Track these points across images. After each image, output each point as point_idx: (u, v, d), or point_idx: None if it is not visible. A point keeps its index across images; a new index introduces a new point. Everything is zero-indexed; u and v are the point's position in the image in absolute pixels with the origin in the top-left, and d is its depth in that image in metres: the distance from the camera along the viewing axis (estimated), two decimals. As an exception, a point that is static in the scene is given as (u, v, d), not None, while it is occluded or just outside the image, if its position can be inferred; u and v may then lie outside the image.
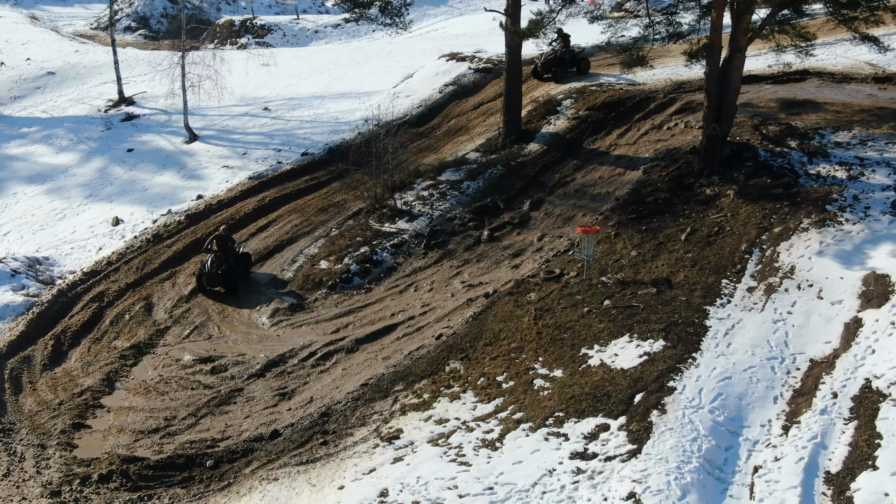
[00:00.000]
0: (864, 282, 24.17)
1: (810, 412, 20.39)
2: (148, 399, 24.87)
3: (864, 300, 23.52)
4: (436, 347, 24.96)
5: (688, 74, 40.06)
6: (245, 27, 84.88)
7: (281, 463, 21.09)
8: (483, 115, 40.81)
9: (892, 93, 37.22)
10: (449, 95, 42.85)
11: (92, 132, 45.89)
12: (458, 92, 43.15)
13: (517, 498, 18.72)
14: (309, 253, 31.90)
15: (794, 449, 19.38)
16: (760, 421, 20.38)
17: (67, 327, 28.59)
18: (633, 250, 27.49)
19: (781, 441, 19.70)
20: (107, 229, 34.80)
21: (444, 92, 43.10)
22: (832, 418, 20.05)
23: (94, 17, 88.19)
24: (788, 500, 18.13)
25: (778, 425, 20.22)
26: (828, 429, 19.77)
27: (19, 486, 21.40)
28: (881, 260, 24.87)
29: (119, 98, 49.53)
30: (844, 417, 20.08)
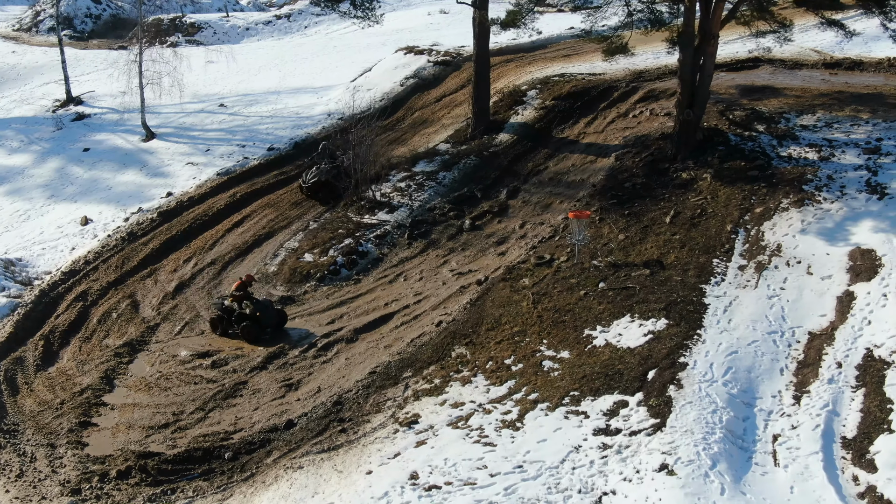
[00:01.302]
0: (850, 257, 25.03)
1: (818, 382, 21.12)
2: (151, 395, 24.70)
3: (853, 274, 24.37)
4: (438, 334, 25.19)
5: (644, 64, 40.95)
6: (174, 26, 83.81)
7: (303, 451, 21.14)
8: (447, 107, 41.12)
9: (844, 77, 38.48)
10: (410, 88, 43.09)
11: (43, 133, 45.10)
12: (420, 85, 43.43)
13: (548, 475, 19.06)
14: (290, 247, 31.88)
15: (809, 417, 20.05)
16: (771, 392, 21.03)
17: (55, 327, 28.21)
18: (620, 234, 28.06)
19: (795, 410, 20.37)
20: (76, 229, 34.33)
21: (405, 85, 43.34)
22: (840, 387, 20.80)
23: (13, 18, 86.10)
24: (812, 466, 18.78)
25: (788, 395, 20.88)
26: (837, 397, 20.50)
27: (36, 485, 21.16)
28: (864, 236, 25.78)
29: (67, 98, 48.73)
30: (851, 385, 20.85)
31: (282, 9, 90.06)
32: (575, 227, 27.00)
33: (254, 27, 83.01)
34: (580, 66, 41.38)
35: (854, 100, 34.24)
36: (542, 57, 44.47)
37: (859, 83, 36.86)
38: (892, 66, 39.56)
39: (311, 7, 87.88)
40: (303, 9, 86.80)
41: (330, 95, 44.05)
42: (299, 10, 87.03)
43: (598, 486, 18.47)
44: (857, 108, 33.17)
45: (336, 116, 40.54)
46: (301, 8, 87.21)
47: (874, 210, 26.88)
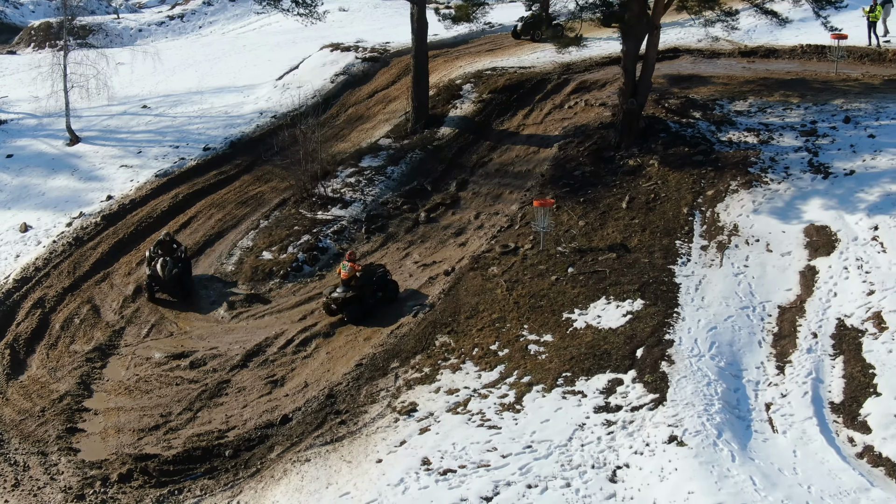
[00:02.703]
0: (805, 233, 26.39)
1: (798, 352, 22.29)
2: (133, 398, 24.43)
3: (811, 250, 25.70)
4: (417, 324, 25.54)
5: (569, 57, 41.82)
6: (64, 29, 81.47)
7: (306, 445, 21.28)
8: (381, 102, 41.38)
9: (763, 65, 40.23)
10: (341, 85, 43.18)
11: (-43, 141, 43.60)
12: (350, 81, 43.55)
13: (559, 453, 19.68)
14: (244, 245, 31.74)
15: (796, 385, 21.18)
16: (755, 363, 22.11)
17: (18, 335, 27.55)
18: (580, 220, 28.86)
19: (781, 379, 21.47)
20: (16, 236, 33.47)
21: (335, 82, 43.39)
22: (819, 356, 22.01)
23: None
24: (809, 430, 19.87)
25: (771, 366, 21.98)
26: (819, 365, 21.70)
27: (36, 494, 20.82)
28: (815, 213, 27.16)
29: (-22, 104, 47.18)
30: (830, 354, 22.08)
31: (174, 9, 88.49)
32: (539, 214, 27.56)
33: (147, 28, 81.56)
34: (508, 60, 42.11)
35: (780, 85, 35.78)
36: (466, 52, 45.06)
37: (780, 69, 38.53)
38: (805, 52, 41.48)
39: (204, 7, 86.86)
40: (196, 9, 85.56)
41: (257, 94, 43.77)
42: (192, 10, 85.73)
43: (610, 461, 19.11)
44: (786, 94, 34.68)
45: (269, 115, 40.37)
46: (194, 8, 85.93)
47: (821, 189, 28.25)
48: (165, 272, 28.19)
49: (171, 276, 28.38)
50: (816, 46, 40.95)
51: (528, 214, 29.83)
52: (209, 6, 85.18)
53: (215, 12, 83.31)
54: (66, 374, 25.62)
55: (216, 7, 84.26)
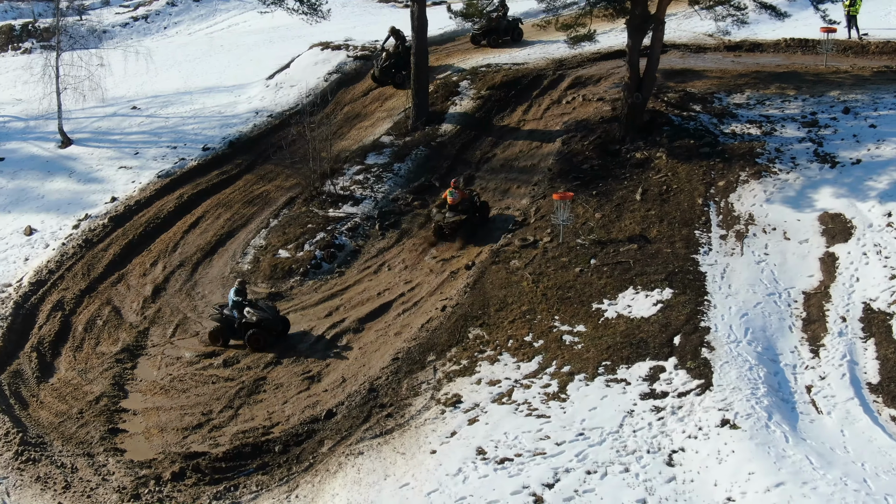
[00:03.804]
0: (821, 221, 27.11)
1: (829, 336, 22.96)
2: (171, 398, 24.47)
3: (828, 237, 26.43)
4: (447, 318, 25.84)
5: (559, 52, 42.38)
6: (27, 31, 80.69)
7: (356, 438, 21.51)
8: (377, 100, 41.55)
9: (750, 58, 41.03)
10: (335, 83, 43.23)
11: (-57, 144, 43.07)
12: (343, 80, 43.62)
13: (612, 439, 20.12)
14: (257, 244, 31.83)
15: (833, 367, 21.84)
16: (789, 348, 22.73)
17: (42, 339, 27.45)
18: (595, 213, 29.29)
19: (817, 363, 22.12)
20: (21, 239, 33.23)
21: (329, 80, 43.43)
22: (850, 339, 22.69)
23: None
24: (852, 410, 20.54)
25: (805, 350, 22.62)
26: (851, 348, 22.37)
27: (90, 495, 20.85)
28: (827, 201, 27.90)
29: (-40, 108, 46.59)
30: (860, 337, 22.79)
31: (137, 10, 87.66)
32: (558, 208, 27.97)
33: (111, 30, 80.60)
34: (500, 57, 42.47)
35: (774, 78, 36.53)
36: (456, 49, 45.37)
37: (769, 63, 39.32)
38: (790, 46, 42.31)
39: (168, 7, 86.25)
40: (160, 9, 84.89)
41: (249, 93, 43.74)
42: (156, 11, 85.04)
43: (664, 446, 19.58)
44: (782, 86, 35.46)
45: (265, 114, 40.42)
46: (158, 9, 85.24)
47: (830, 178, 28.99)
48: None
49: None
50: (800, 40, 41.72)
51: (543, 208, 30.16)
52: (173, 6, 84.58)
53: (180, 13, 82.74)
54: (98, 375, 25.56)
55: (180, 7, 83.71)
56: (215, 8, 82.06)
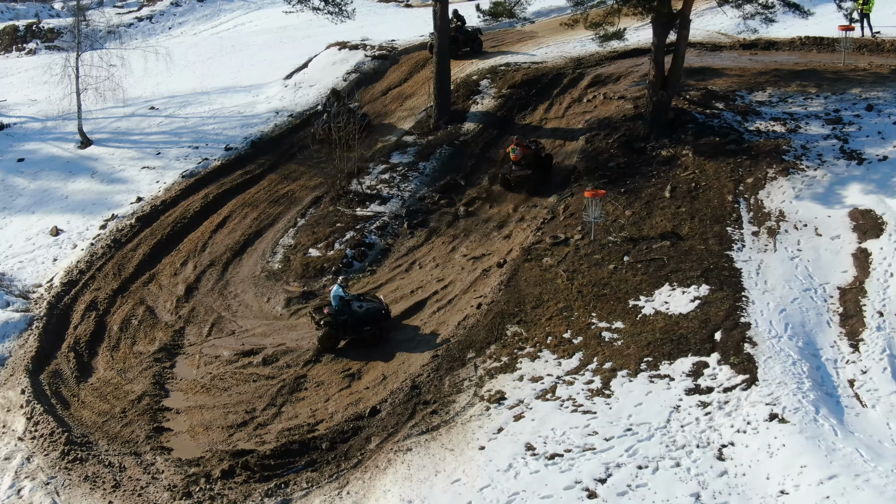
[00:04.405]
0: (851, 217, 27.32)
1: (867, 330, 23.19)
2: (213, 396, 24.61)
3: (860, 233, 26.63)
4: (483, 316, 26.01)
5: (576, 51, 42.65)
6: (31, 31, 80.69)
7: (403, 434, 21.69)
8: (397, 99, 41.71)
9: (767, 57, 41.28)
10: (354, 83, 43.35)
11: (-39, 146, 43.12)
12: (362, 79, 43.75)
13: (661, 434, 20.32)
14: (286, 243, 31.97)
15: (874, 362, 22.07)
16: (828, 342, 22.95)
17: (78, 338, 27.56)
18: (625, 210, 29.46)
19: (857, 357, 22.35)
20: (48, 240, 33.34)
21: (348, 80, 43.56)
22: (889, 333, 22.96)
23: None
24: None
25: (845, 344, 22.83)
26: (890, 342, 22.66)
27: (140, 494, 20.98)
28: (856, 198, 28.10)
29: (-24, 108, 46.63)
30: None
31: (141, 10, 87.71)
32: (590, 205, 28.15)
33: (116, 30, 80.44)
34: (518, 56, 42.64)
35: (793, 76, 36.77)
36: (472, 47, 45.48)
37: (787, 61, 39.56)
38: (805, 44, 42.59)
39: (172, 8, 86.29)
40: (164, 10, 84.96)
41: (267, 93, 43.87)
42: (161, 12, 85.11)
43: (714, 440, 19.79)
44: (802, 84, 35.69)
45: (285, 114, 40.59)
46: (162, 9, 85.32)
47: (857, 174, 29.22)
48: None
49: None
50: (815, 38, 41.98)
51: (572, 206, 30.33)
52: (177, 7, 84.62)
53: (184, 13, 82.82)
54: (138, 374, 25.68)
55: (184, 8, 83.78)
56: (219, 8, 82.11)
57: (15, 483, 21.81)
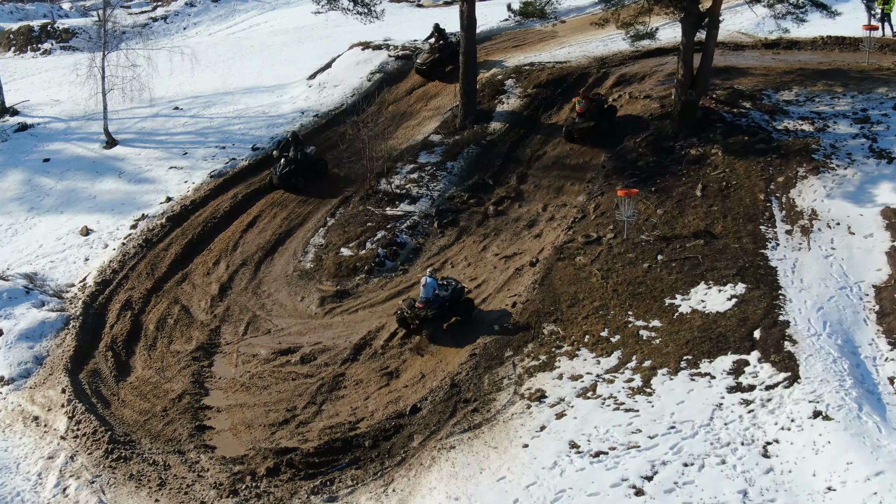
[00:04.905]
0: (883, 216, 27.46)
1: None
2: (252, 395, 24.78)
3: (892, 231, 26.83)
4: (519, 314, 26.18)
5: (598, 51, 42.77)
6: (46, 32, 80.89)
7: (446, 432, 21.85)
8: (422, 99, 41.81)
9: (790, 56, 41.34)
10: (378, 83, 43.45)
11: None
12: (386, 79, 43.82)
13: (705, 432, 20.46)
14: (317, 242, 32.13)
15: (913, 359, 22.07)
16: (866, 340, 23.11)
17: (114, 338, 27.73)
18: (657, 209, 29.58)
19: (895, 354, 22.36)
20: (79, 240, 33.52)
21: (372, 80, 43.67)
22: (927, 331, 22.92)
23: None
24: (939, 401, 20.79)
25: (883, 342, 22.99)
26: (927, 340, 22.61)
27: (186, 492, 21.14)
28: (888, 196, 28.25)
29: (0, 108, 46.71)
30: (937, 329, 23.02)
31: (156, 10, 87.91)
32: (623, 204, 28.29)
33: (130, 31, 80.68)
34: (540, 55, 42.76)
35: (819, 76, 36.86)
36: (494, 48, 45.59)
37: (811, 61, 39.64)
38: (826, 43, 42.64)
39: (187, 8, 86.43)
40: (179, 10, 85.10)
41: (291, 93, 44.02)
42: (175, 12, 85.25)
43: (758, 438, 19.93)
44: (828, 83, 35.78)
45: (311, 114, 40.72)
46: (177, 9, 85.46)
47: (888, 173, 29.35)
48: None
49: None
50: (836, 38, 42.05)
51: (603, 205, 30.47)
52: (192, 7, 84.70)
53: (199, 13, 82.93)
54: (177, 373, 25.83)
55: (199, 8, 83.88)
56: (234, 8, 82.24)
57: (60, 482, 21.97)
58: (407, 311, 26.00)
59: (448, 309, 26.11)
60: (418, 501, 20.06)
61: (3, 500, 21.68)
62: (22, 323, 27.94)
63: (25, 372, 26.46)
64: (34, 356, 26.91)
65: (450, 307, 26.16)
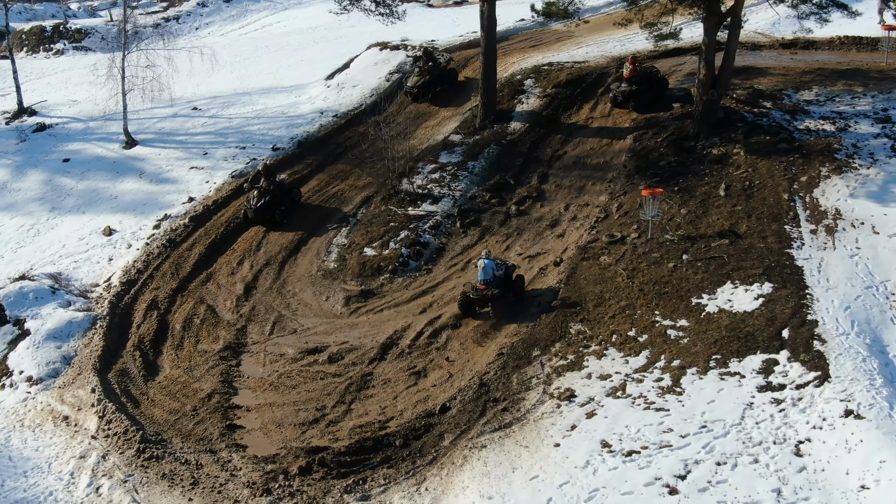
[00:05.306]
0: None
1: (933, 328, 23.26)
2: (281, 394, 24.86)
3: (917, 231, 26.71)
4: (547, 314, 26.24)
5: (618, 51, 42.87)
6: (58, 32, 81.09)
7: (476, 432, 21.92)
8: (441, 99, 42.00)
9: (808, 56, 41.46)
10: (396, 83, 43.59)
11: (6, 146, 43.43)
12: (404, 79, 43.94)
13: (736, 431, 20.51)
14: (339, 242, 32.24)
15: (944, 358, 22.12)
16: (894, 339, 23.09)
17: (142, 337, 27.83)
18: (681, 209, 29.65)
19: (925, 354, 22.42)
20: (102, 240, 33.65)
21: (390, 80, 43.81)
22: (954, 330, 22.96)
23: None
24: (971, 398, 20.83)
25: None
26: (956, 339, 22.65)
27: (220, 491, 21.21)
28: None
29: (19, 108, 46.91)
30: (964, 327, 23.07)
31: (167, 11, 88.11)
32: (648, 204, 28.36)
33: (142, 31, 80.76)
34: (558, 55, 42.89)
35: (838, 75, 36.94)
36: (511, 48, 45.74)
37: (829, 60, 39.75)
38: (844, 43, 42.70)
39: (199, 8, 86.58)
40: (191, 10, 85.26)
41: (310, 94, 44.14)
42: (187, 12, 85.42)
43: (790, 437, 19.97)
44: (848, 83, 35.85)
45: (330, 114, 40.84)
46: (189, 10, 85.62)
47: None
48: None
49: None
50: (853, 37, 42.14)
51: (626, 204, 30.55)
52: (203, 7, 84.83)
53: (210, 13, 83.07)
54: (205, 373, 25.94)
55: (211, 8, 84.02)
56: (246, 9, 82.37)
57: (93, 481, 22.06)
58: (473, 294, 26.59)
59: (505, 287, 26.69)
60: (451, 500, 20.06)
61: (37, 499, 21.80)
62: (49, 323, 28.02)
63: (54, 372, 26.50)
64: (62, 356, 26.98)
65: (505, 285, 26.70)
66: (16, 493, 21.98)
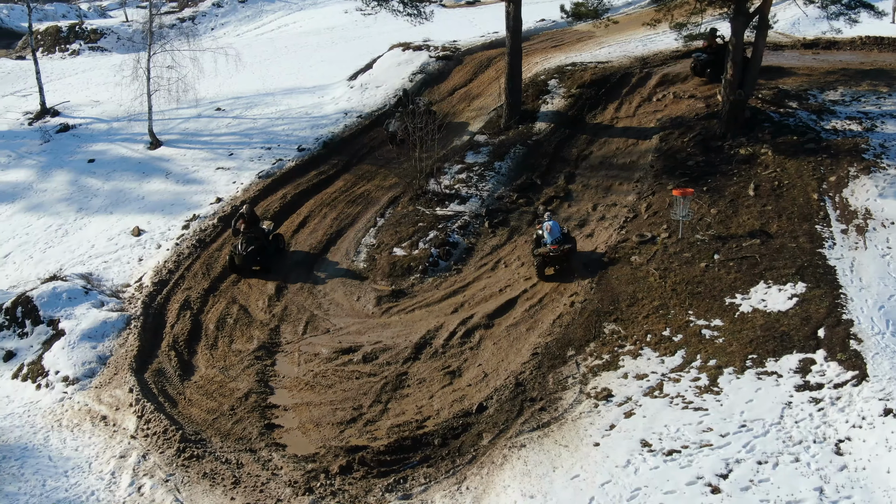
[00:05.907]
0: (937, 215, 27.44)
1: (968, 327, 23.33)
2: (318, 393, 24.97)
3: (947, 231, 26.77)
4: (578, 314, 26.37)
5: (638, 51, 43.02)
6: (74, 32, 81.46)
7: (515, 431, 22.01)
8: (464, 100, 42.10)
9: (830, 56, 41.60)
10: (420, 84, 43.80)
11: (30, 146, 43.69)
12: (428, 80, 44.18)
13: (776, 430, 20.58)
14: (368, 242, 32.36)
15: (981, 357, 22.17)
16: (931, 339, 23.06)
17: (176, 337, 27.95)
18: (710, 208, 29.74)
19: (962, 352, 22.48)
20: (131, 240, 33.79)
21: (414, 81, 43.99)
22: None
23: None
24: None
25: (948, 340, 22.97)
26: None
27: (262, 490, 21.31)
28: (940, 196, 28.30)
29: (42, 109, 47.15)
30: None
31: (183, 11, 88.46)
32: (678, 203, 28.47)
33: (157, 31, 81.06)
34: (581, 55, 43.03)
35: (863, 75, 37.05)
36: (533, 49, 45.91)
37: (852, 60, 39.86)
38: (865, 43, 42.81)
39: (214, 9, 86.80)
40: (206, 11, 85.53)
41: (333, 94, 44.32)
42: (203, 13, 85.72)
43: (830, 436, 20.03)
44: (873, 83, 35.95)
45: (354, 114, 40.99)
46: (204, 10, 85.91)
47: (939, 173, 29.41)
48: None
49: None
50: (875, 38, 42.28)
51: (655, 204, 30.64)
52: (219, 8, 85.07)
53: (226, 14, 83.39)
54: (241, 372, 26.06)
55: (226, 9, 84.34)
56: (261, 9, 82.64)
57: (134, 481, 22.16)
58: (552, 253, 28.36)
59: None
60: (493, 499, 20.15)
61: (79, 498, 21.92)
62: (84, 323, 28.17)
63: (90, 372, 26.64)
64: (97, 356, 27.12)
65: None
66: (57, 493, 22.10)
